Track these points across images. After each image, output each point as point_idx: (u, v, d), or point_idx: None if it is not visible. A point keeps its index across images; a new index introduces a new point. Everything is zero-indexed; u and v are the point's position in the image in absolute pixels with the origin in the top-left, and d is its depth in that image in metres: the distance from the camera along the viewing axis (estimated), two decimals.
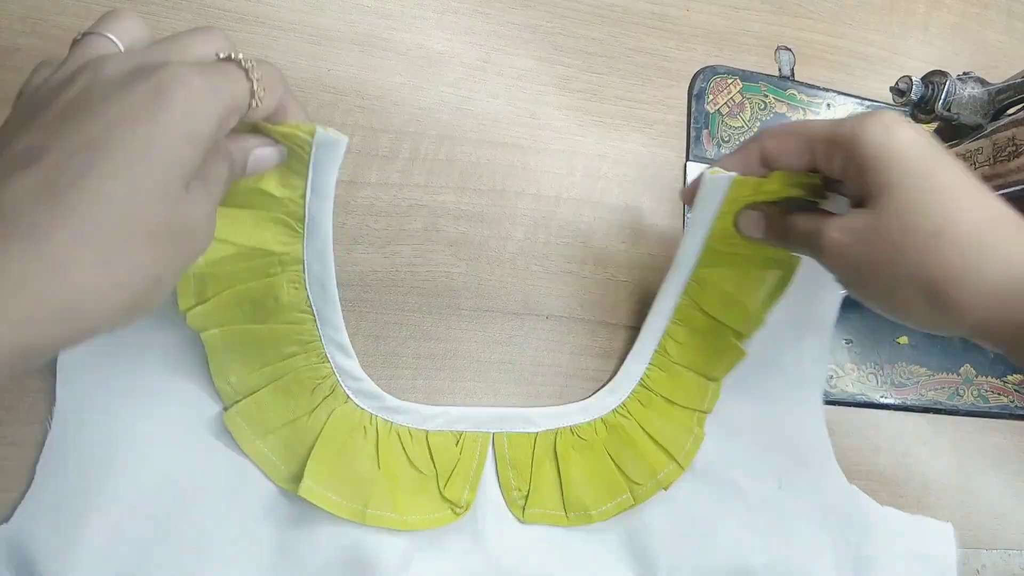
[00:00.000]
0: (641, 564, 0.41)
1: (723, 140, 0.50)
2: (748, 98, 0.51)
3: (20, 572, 0.32)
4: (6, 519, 0.33)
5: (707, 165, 0.39)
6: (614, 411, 0.41)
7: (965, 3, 0.59)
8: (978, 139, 0.37)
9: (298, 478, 0.35)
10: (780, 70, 0.53)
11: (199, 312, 0.34)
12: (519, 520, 0.40)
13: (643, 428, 0.41)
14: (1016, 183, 0.35)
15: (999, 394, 0.53)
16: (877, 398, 0.49)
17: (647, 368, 0.42)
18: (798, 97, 0.52)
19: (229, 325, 0.35)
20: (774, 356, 0.44)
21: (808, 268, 0.40)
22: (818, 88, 0.53)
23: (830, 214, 0.34)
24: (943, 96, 0.37)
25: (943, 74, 0.38)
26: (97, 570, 0.33)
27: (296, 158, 0.32)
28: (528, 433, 0.40)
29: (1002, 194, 0.36)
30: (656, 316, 0.42)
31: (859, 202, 0.32)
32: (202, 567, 0.35)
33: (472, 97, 0.44)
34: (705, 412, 0.43)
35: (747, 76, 0.51)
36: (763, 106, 0.51)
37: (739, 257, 0.40)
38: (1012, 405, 0.53)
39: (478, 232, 0.43)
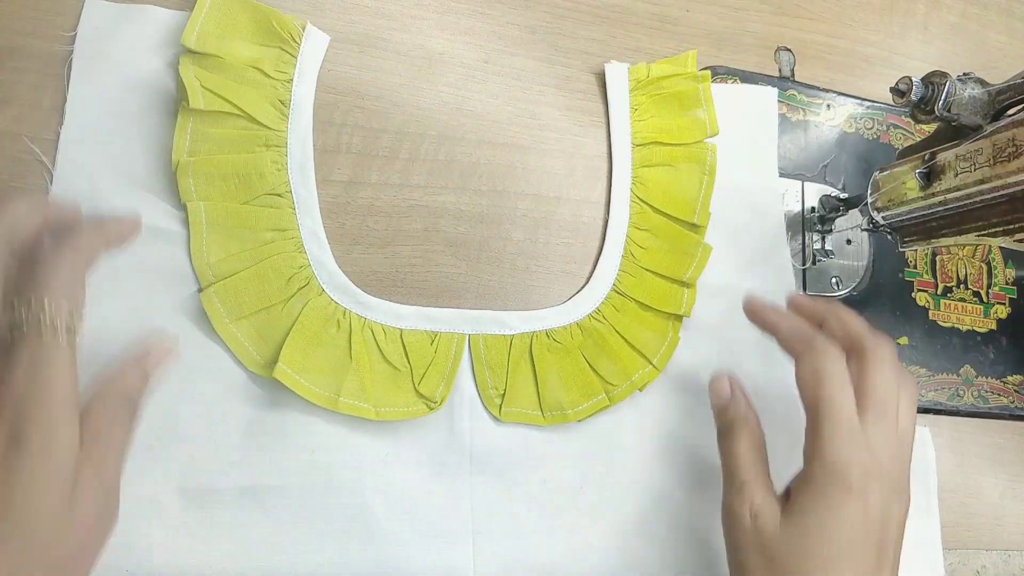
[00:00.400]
0: (615, 463, 0.42)
1: None
2: None
3: None
4: None
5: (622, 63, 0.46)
6: (589, 316, 0.42)
7: (965, 3, 0.59)
8: (978, 140, 0.37)
9: (271, 364, 0.36)
10: (780, 71, 0.53)
11: (189, 173, 0.36)
12: (495, 419, 0.40)
13: (618, 332, 0.42)
14: (1016, 184, 0.35)
15: (999, 395, 0.53)
16: None
17: (617, 273, 0.44)
18: (798, 97, 0.52)
19: (214, 200, 0.37)
20: (738, 252, 0.47)
21: (741, 170, 0.47)
22: (818, 88, 0.53)
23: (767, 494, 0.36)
24: (943, 97, 0.37)
25: (943, 75, 0.38)
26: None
27: (288, 47, 0.39)
28: (504, 335, 0.41)
29: (1002, 194, 0.36)
30: (614, 220, 0.44)
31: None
32: (169, 448, 0.35)
33: (472, 97, 0.44)
34: (682, 316, 0.44)
35: (747, 77, 0.51)
36: None
37: (665, 153, 0.46)
38: (1012, 406, 0.53)
39: (478, 232, 0.43)
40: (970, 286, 0.54)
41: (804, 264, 0.49)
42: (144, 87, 0.38)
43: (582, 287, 0.44)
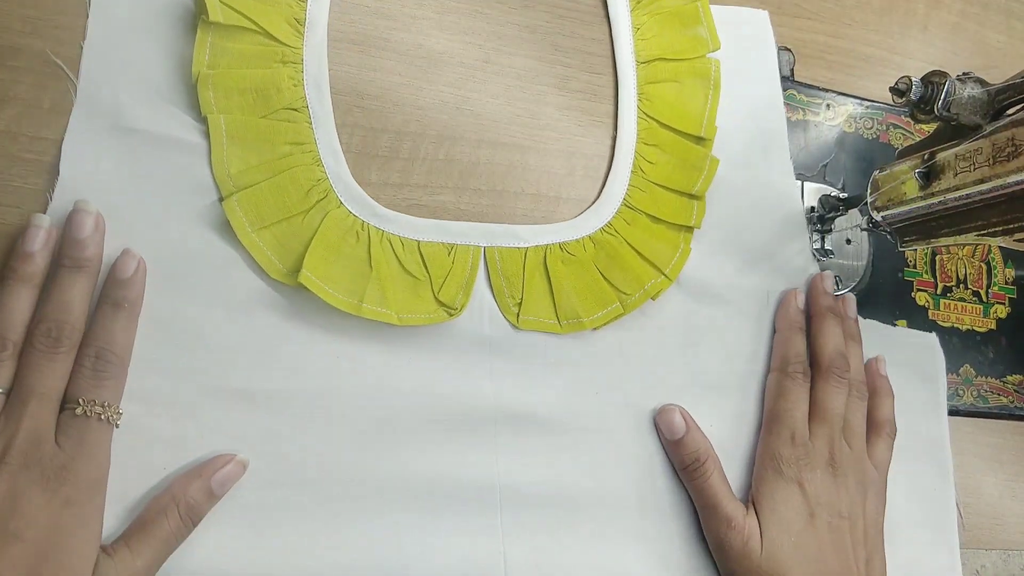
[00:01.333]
0: (630, 369, 0.43)
1: None
2: None
3: None
4: None
5: None
6: (600, 229, 0.44)
7: (965, 3, 0.59)
8: (977, 139, 0.37)
9: (293, 273, 0.37)
10: (780, 70, 0.53)
11: (209, 85, 0.37)
12: (513, 325, 0.41)
13: (629, 244, 0.43)
14: (1016, 183, 0.35)
15: (999, 394, 0.53)
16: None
17: (628, 188, 0.45)
18: (797, 97, 0.52)
19: (233, 113, 0.38)
20: (746, 170, 0.48)
21: (746, 89, 0.49)
22: (817, 88, 0.53)
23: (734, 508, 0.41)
24: (942, 96, 0.37)
25: (943, 74, 0.38)
26: None
27: None
28: (518, 247, 0.42)
29: (1001, 194, 0.36)
30: (623, 137, 0.45)
31: None
32: (197, 353, 0.36)
33: (472, 97, 0.44)
34: (692, 228, 0.45)
35: None
36: None
37: (669, 69, 0.47)
38: (1012, 405, 0.53)
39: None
40: (970, 286, 0.54)
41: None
42: (163, 2, 0.39)
43: (592, 202, 0.45)
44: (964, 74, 0.38)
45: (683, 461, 0.42)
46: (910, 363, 0.49)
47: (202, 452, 0.35)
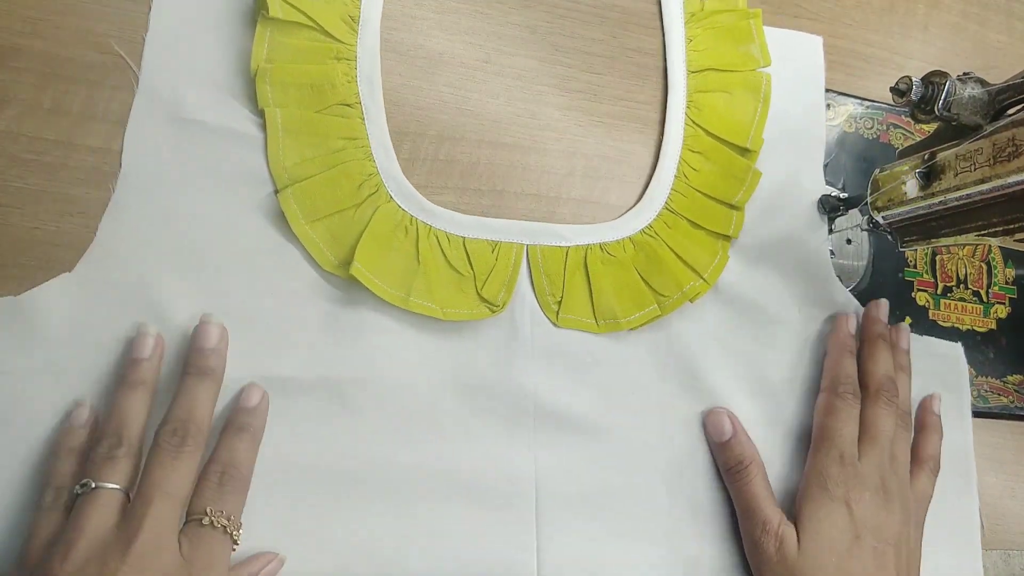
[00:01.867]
0: (666, 371, 0.44)
1: None
2: None
3: (74, 322, 0.35)
4: (69, 269, 0.35)
5: None
6: (641, 231, 0.44)
7: (965, 3, 0.59)
8: (978, 140, 0.37)
9: (345, 264, 0.38)
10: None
11: (267, 79, 0.38)
12: (553, 323, 0.42)
13: (669, 247, 0.44)
14: (1016, 183, 0.35)
15: (999, 394, 0.53)
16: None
17: (670, 193, 0.45)
18: None
19: (290, 107, 0.39)
20: (785, 188, 0.48)
21: (790, 99, 0.49)
22: None
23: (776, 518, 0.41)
24: (943, 96, 0.37)
25: (943, 74, 0.38)
26: (163, 329, 0.35)
27: None
28: (560, 247, 0.43)
29: (1002, 194, 0.36)
30: (669, 142, 0.46)
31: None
32: (249, 339, 0.37)
33: (472, 97, 0.44)
34: (730, 237, 0.46)
35: None
36: None
37: (720, 80, 0.48)
38: (1012, 405, 0.53)
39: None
40: (970, 286, 0.54)
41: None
42: None
43: (634, 204, 0.45)
44: (964, 74, 0.38)
45: (727, 463, 0.42)
46: (935, 372, 0.49)
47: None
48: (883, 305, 0.48)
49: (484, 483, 0.39)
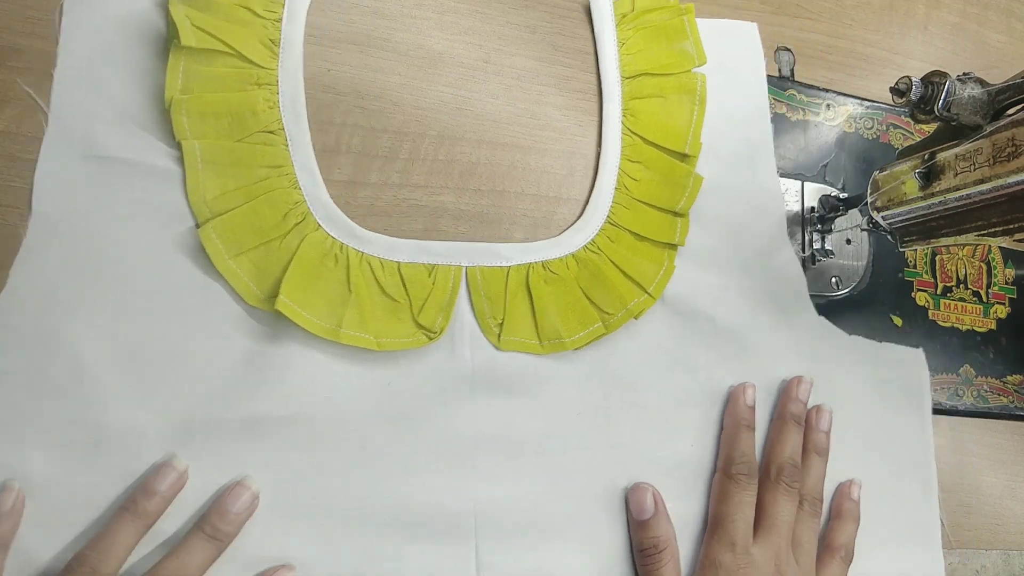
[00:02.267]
0: (612, 389, 0.42)
1: None
2: None
3: None
4: None
5: None
6: (584, 247, 0.43)
7: (965, 3, 0.59)
8: (977, 140, 0.37)
9: (271, 298, 0.36)
10: (780, 70, 0.53)
11: (183, 111, 0.37)
12: (495, 346, 0.41)
13: (613, 262, 0.43)
14: (1016, 183, 0.35)
15: (999, 394, 0.53)
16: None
17: (612, 206, 0.44)
18: (798, 97, 0.52)
19: (209, 138, 0.37)
20: (732, 186, 0.47)
21: (733, 97, 0.48)
22: (818, 88, 0.53)
23: None
24: (943, 97, 0.37)
25: (943, 74, 0.38)
26: (74, 376, 0.34)
27: None
28: (500, 267, 0.41)
29: (1002, 194, 0.36)
30: (607, 153, 0.45)
31: None
32: (171, 382, 0.35)
33: (472, 97, 0.44)
34: (676, 245, 0.45)
35: None
36: None
37: (655, 84, 0.46)
38: (1012, 405, 0.53)
39: (478, 232, 0.43)
40: (970, 286, 0.54)
41: (804, 260, 0.49)
42: (135, 27, 0.38)
43: (576, 219, 0.44)
44: (964, 74, 0.38)
45: (641, 543, 0.40)
46: (897, 379, 0.49)
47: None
48: (805, 384, 0.45)
49: (423, 516, 0.38)
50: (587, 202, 0.45)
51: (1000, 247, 0.56)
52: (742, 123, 0.49)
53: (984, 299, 0.54)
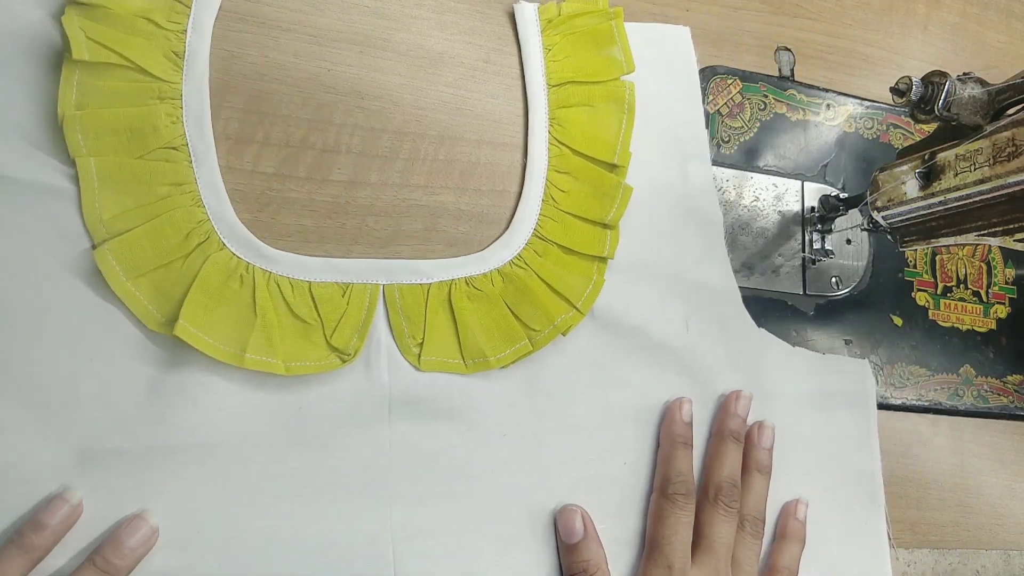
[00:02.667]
0: (539, 408, 0.41)
1: (723, 140, 0.50)
2: (748, 98, 0.51)
3: None
4: None
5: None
6: (510, 262, 0.42)
7: (965, 3, 0.59)
8: (978, 140, 0.37)
9: (171, 322, 0.35)
10: (780, 70, 0.53)
11: (77, 127, 0.35)
12: (415, 367, 0.39)
13: (540, 277, 0.41)
14: (1016, 183, 0.35)
15: (999, 394, 0.53)
16: (877, 399, 0.49)
17: (538, 218, 0.43)
18: (797, 97, 0.52)
19: (106, 155, 0.36)
20: (665, 195, 0.46)
21: (657, 103, 0.46)
22: (818, 88, 0.53)
23: None
24: (943, 96, 0.37)
25: (943, 74, 0.38)
26: None
27: None
28: (420, 284, 0.40)
29: (1002, 194, 0.36)
30: (533, 163, 0.43)
31: None
32: (67, 410, 0.34)
33: (472, 97, 0.44)
34: (606, 258, 0.43)
35: (747, 76, 0.51)
36: (763, 106, 0.51)
37: (582, 92, 0.45)
38: (1012, 405, 0.53)
39: (478, 232, 0.43)
40: (970, 286, 0.54)
41: (805, 260, 0.49)
42: (27, 39, 0.36)
43: (501, 233, 0.43)
44: (964, 74, 0.38)
45: (571, 568, 0.38)
46: (842, 392, 0.47)
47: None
48: (744, 399, 0.44)
49: (339, 544, 0.36)
50: (512, 214, 0.43)
51: (1000, 247, 0.56)
52: (673, 131, 0.47)
53: (984, 299, 0.54)
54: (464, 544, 0.38)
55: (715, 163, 0.49)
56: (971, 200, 0.38)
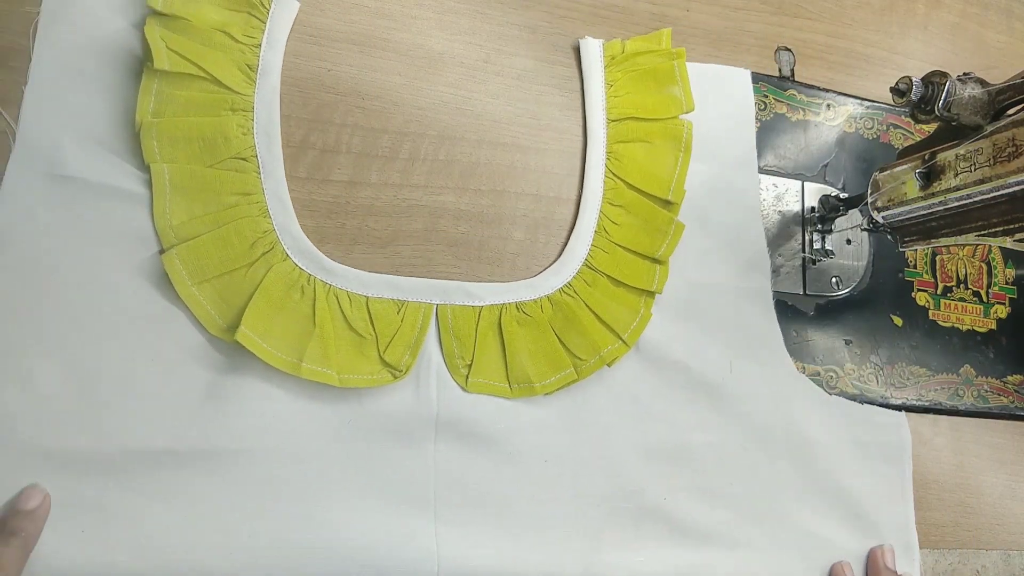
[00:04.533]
0: (580, 437, 0.41)
1: None
2: None
3: None
4: None
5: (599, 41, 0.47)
6: (560, 290, 0.42)
7: (965, 3, 0.59)
8: (978, 140, 0.37)
9: (232, 328, 0.36)
10: (780, 70, 0.53)
11: (153, 134, 0.36)
12: (462, 388, 0.40)
13: (588, 306, 0.42)
14: (1016, 183, 0.35)
15: (999, 394, 0.53)
16: (877, 399, 0.49)
17: (590, 249, 0.43)
18: (798, 97, 0.52)
19: (179, 163, 0.37)
20: (715, 235, 0.47)
21: (716, 147, 0.47)
22: (818, 88, 0.53)
23: None
24: (943, 96, 0.37)
25: (943, 74, 0.38)
26: (26, 397, 0.33)
27: (257, 12, 0.39)
28: (472, 307, 0.40)
29: (1002, 195, 0.36)
30: (588, 195, 0.44)
31: None
32: (127, 408, 0.35)
33: (472, 97, 0.44)
34: (654, 293, 0.44)
35: None
36: (763, 106, 0.51)
37: (641, 129, 0.45)
38: (1012, 405, 0.53)
39: (478, 232, 0.43)
40: (970, 286, 0.54)
41: (805, 260, 0.49)
42: (109, 48, 0.37)
43: (553, 261, 0.44)
44: (964, 74, 0.38)
45: None
46: (877, 443, 0.48)
47: (124, 514, 0.34)
48: (889, 553, 0.46)
49: (380, 561, 0.37)
50: (565, 243, 0.44)
51: (1000, 247, 0.56)
52: (724, 174, 0.48)
53: (984, 299, 0.54)
54: (504, 566, 0.39)
55: None
56: (971, 200, 0.38)
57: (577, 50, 0.47)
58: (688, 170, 0.46)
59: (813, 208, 0.50)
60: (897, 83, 0.39)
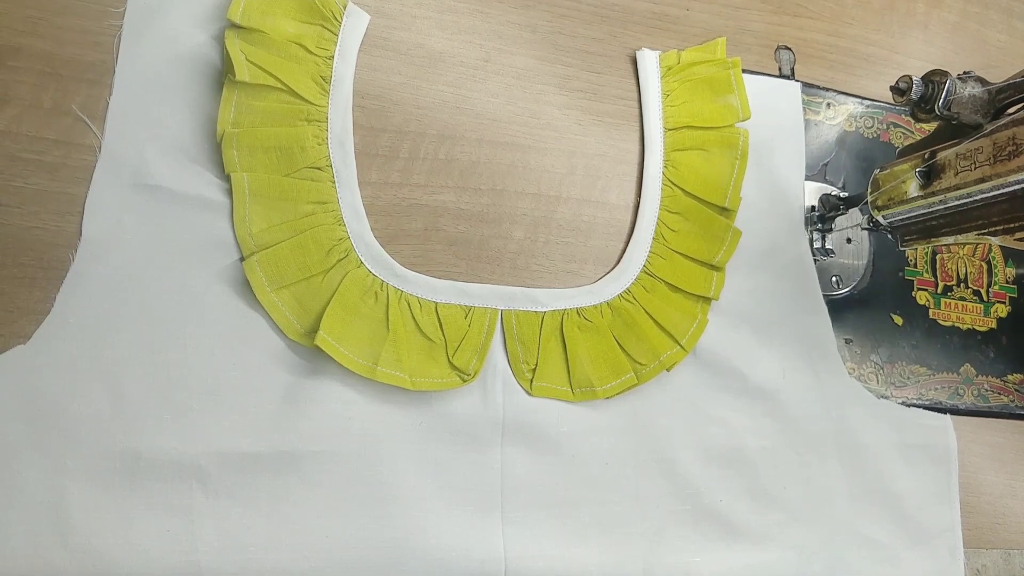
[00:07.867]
0: (642, 440, 0.42)
1: None
2: None
3: (29, 395, 0.33)
4: (24, 341, 0.34)
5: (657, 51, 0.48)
6: (619, 296, 0.43)
7: (965, 2, 0.59)
8: (978, 139, 0.37)
9: (311, 333, 0.37)
10: (780, 69, 0.53)
11: (233, 144, 0.37)
12: (527, 392, 0.41)
13: (647, 312, 0.43)
14: (1016, 183, 0.35)
15: (999, 394, 0.53)
16: (877, 398, 0.49)
17: (648, 255, 0.44)
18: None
19: (257, 172, 0.38)
20: (770, 243, 0.47)
21: (769, 159, 0.48)
22: (818, 87, 0.53)
23: None
24: (943, 95, 0.37)
25: (943, 73, 0.38)
26: (114, 402, 0.34)
27: (330, 24, 0.41)
28: (536, 312, 0.42)
29: (1002, 194, 0.36)
30: (646, 202, 0.45)
31: None
32: (210, 413, 0.36)
33: (472, 97, 0.44)
34: (711, 299, 0.45)
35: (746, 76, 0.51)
36: None
37: (697, 137, 0.46)
38: (1012, 405, 0.53)
39: (478, 232, 0.43)
40: (970, 285, 0.54)
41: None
42: (190, 60, 0.39)
43: (612, 267, 0.45)
44: (965, 73, 0.38)
45: None
46: (923, 446, 0.48)
47: (207, 515, 0.35)
48: None
49: (450, 561, 0.37)
50: (624, 252, 0.45)
51: (1000, 246, 0.56)
52: (777, 184, 0.49)
53: (985, 298, 0.54)
54: (568, 567, 0.39)
55: None
56: (971, 199, 0.38)
57: (634, 60, 0.48)
58: (744, 178, 0.47)
59: (813, 207, 0.50)
60: (897, 82, 0.39)
